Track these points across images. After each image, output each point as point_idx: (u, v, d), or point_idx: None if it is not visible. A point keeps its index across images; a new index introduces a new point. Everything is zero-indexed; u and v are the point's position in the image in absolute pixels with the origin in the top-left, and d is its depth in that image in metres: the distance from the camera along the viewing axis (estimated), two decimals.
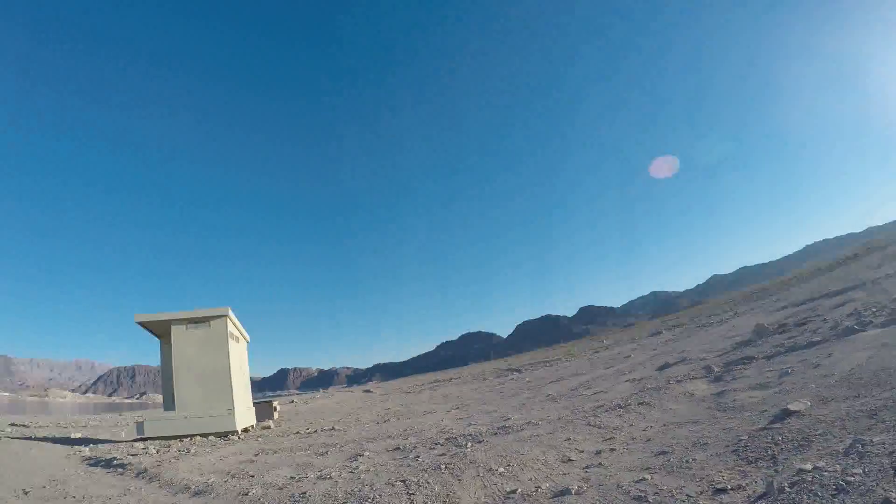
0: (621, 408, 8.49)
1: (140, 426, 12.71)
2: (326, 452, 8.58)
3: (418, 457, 7.13)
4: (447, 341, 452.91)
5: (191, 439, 12.15)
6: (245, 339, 16.52)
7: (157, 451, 10.04)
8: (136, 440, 12.47)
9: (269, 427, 14.62)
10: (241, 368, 15.02)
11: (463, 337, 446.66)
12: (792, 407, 5.42)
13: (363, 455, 7.80)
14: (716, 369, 9.69)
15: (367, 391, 42.61)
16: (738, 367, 9.43)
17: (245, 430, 14.03)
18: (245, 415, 14.30)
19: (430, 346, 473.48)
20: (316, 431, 12.39)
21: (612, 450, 5.98)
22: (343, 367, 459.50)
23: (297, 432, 12.64)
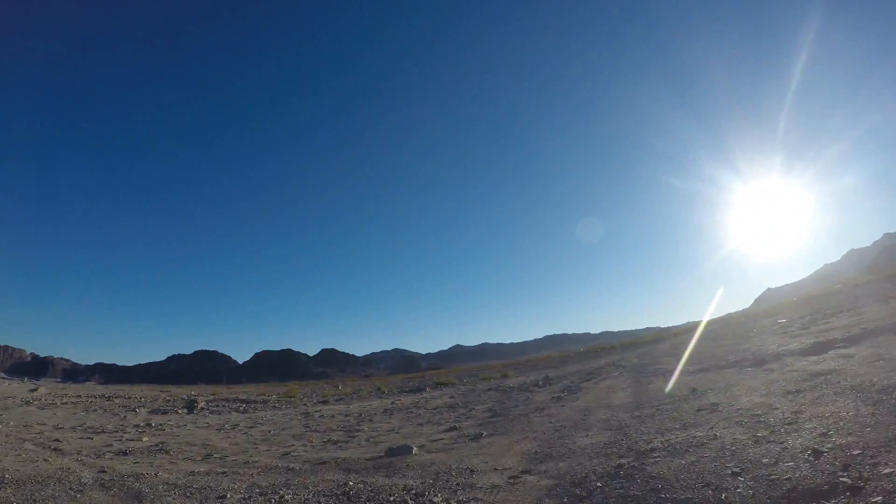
0: None
1: None
2: None
3: None
4: (179, 354, 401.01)
5: None
6: None
7: None
8: None
9: None
10: None
11: (197, 353, 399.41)
12: None
13: None
14: None
15: (33, 389, 38.46)
16: None
17: None
18: None
19: (160, 356, 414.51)
20: None
21: None
22: (62, 358, 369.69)
23: None
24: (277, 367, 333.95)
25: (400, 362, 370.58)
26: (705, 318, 48.96)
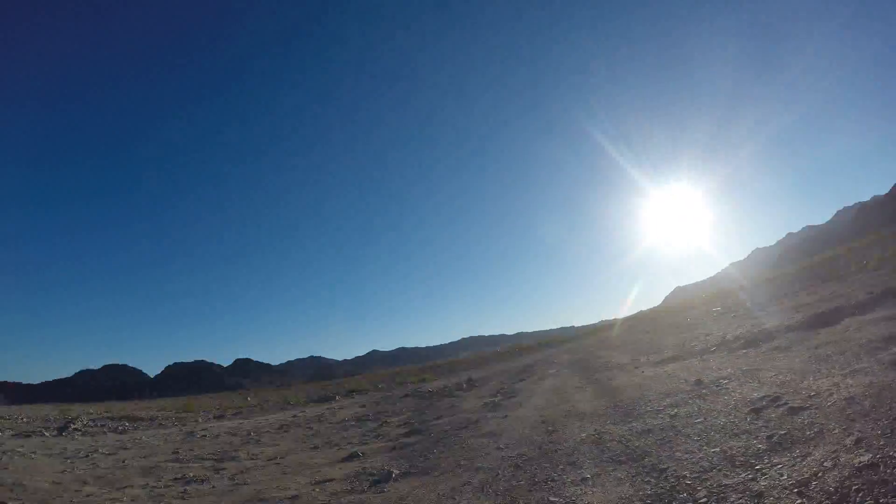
0: None
1: None
2: None
3: None
4: (88, 369, 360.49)
5: None
6: None
7: None
8: None
9: None
10: None
11: (106, 368, 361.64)
12: None
13: None
14: None
15: None
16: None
17: None
18: None
19: (69, 371, 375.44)
20: None
21: None
22: None
23: None
24: (190, 379, 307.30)
25: (317, 370, 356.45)
26: (622, 314, 47.67)
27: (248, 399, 35.90)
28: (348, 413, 16.37)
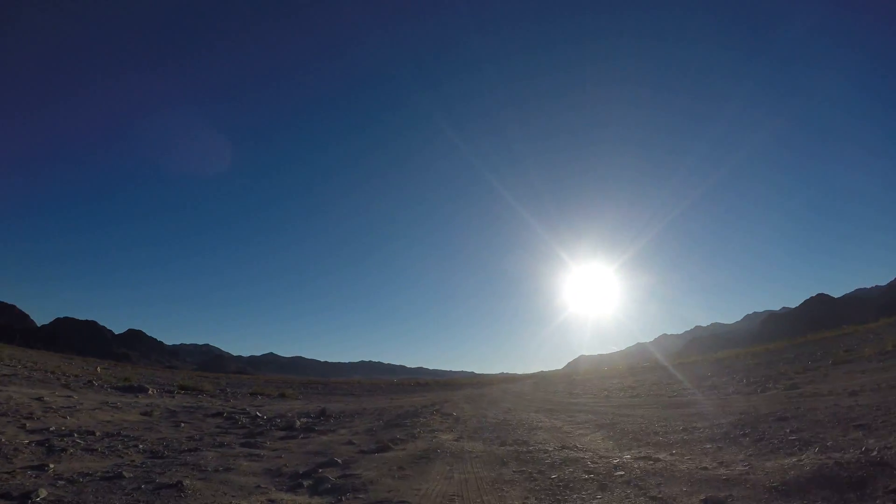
0: None
1: None
2: None
3: None
4: None
5: None
6: None
7: None
8: None
9: None
10: None
11: None
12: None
13: None
14: None
15: None
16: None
17: None
18: None
19: None
20: None
21: None
22: None
23: None
24: (78, 338, 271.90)
25: (209, 360, 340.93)
26: (524, 370, 40.96)
27: (99, 370, 30.58)
28: (103, 419, 10.10)
